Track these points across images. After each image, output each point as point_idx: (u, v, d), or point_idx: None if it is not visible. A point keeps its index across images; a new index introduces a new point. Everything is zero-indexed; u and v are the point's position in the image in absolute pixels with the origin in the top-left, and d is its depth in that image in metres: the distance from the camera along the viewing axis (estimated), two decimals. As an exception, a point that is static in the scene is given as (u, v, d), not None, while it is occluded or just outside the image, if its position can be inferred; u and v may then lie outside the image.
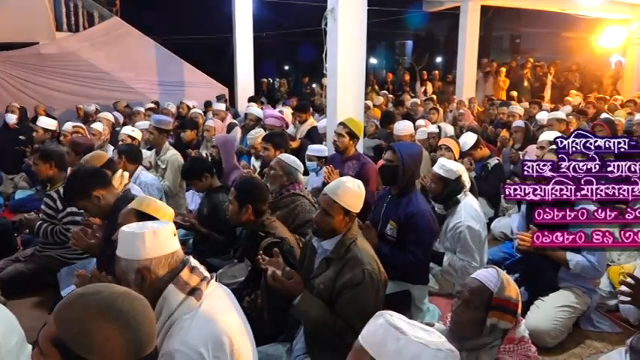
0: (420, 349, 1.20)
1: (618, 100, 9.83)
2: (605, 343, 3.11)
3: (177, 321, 1.61)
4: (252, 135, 5.39)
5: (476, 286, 1.93)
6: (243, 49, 10.12)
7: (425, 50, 19.00)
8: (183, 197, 5.07)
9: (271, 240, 2.72)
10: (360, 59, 5.16)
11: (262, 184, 3.03)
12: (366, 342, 1.25)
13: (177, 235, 1.80)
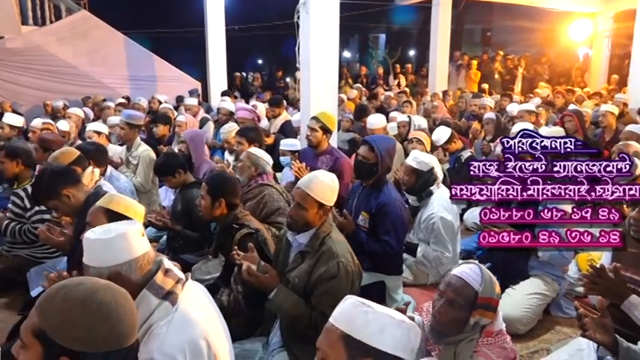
0: (386, 321, 1.32)
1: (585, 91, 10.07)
2: (574, 329, 3.18)
3: (152, 327, 1.57)
4: (226, 129, 5.35)
5: (460, 286, 1.89)
6: (216, 43, 10.01)
7: (398, 43, 19.10)
8: (156, 193, 5.00)
9: (246, 231, 2.71)
10: (333, 52, 5.17)
11: (234, 178, 3.02)
12: (336, 320, 1.34)
13: (148, 234, 1.76)
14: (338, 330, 1.31)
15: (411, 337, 1.33)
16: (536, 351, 3.00)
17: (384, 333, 1.29)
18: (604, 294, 1.98)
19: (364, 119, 6.45)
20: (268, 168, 3.69)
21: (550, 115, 7.36)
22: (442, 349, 1.99)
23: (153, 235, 4.30)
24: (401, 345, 1.30)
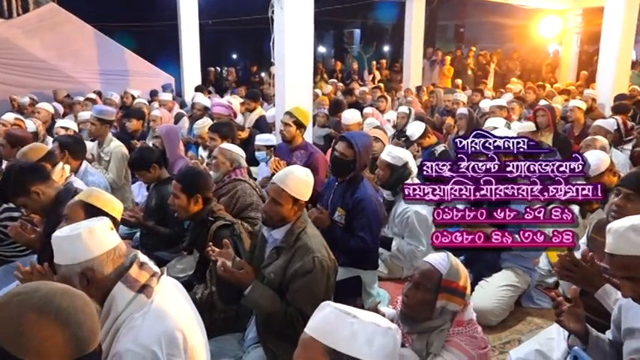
0: (373, 329, 1.24)
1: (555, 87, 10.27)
2: (544, 319, 3.27)
3: (127, 320, 1.57)
4: (199, 125, 5.30)
5: (426, 269, 1.98)
6: (189, 37, 9.88)
7: (373, 39, 19.15)
8: (129, 190, 4.94)
9: (222, 223, 2.71)
10: (308, 47, 5.16)
11: (205, 172, 3.01)
12: (316, 332, 1.24)
13: (119, 229, 1.75)
14: (320, 343, 1.21)
15: (397, 342, 1.27)
16: (508, 341, 3.07)
17: (373, 344, 1.22)
18: (579, 283, 2.04)
19: (339, 114, 6.46)
20: (243, 162, 3.69)
21: (522, 110, 7.49)
22: (414, 340, 2.02)
23: (126, 233, 4.25)
24: (389, 353, 1.24)
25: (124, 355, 1.50)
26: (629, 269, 1.64)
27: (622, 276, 1.68)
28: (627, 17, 7.87)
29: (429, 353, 1.98)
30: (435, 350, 1.96)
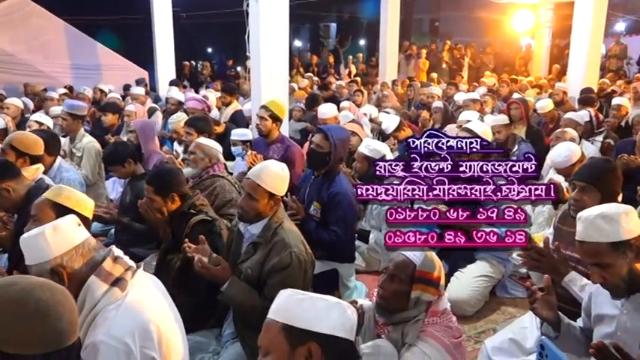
0: (322, 304, 1.34)
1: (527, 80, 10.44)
2: (518, 309, 3.34)
3: (101, 312, 1.57)
4: (174, 119, 5.24)
5: (400, 261, 2.02)
6: (163, 30, 9.74)
7: (349, 33, 19.16)
8: (102, 186, 4.86)
9: (202, 217, 2.68)
10: (284, 41, 5.14)
11: (174, 168, 2.96)
12: (274, 314, 1.35)
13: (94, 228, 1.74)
14: (277, 322, 1.32)
15: (349, 315, 1.35)
16: (483, 331, 3.12)
17: (322, 315, 1.31)
18: (546, 271, 2.08)
19: (315, 108, 6.46)
20: (221, 157, 3.66)
21: (496, 103, 7.60)
22: (390, 331, 2.05)
23: (100, 229, 4.19)
24: (340, 325, 1.32)
25: (97, 346, 1.51)
26: (598, 256, 1.69)
27: (591, 263, 1.72)
28: (597, 11, 8.02)
29: (404, 343, 2.00)
30: (411, 340, 1.99)
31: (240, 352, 2.38)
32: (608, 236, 1.67)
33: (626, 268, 1.67)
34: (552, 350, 1.49)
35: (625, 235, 1.66)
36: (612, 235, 1.66)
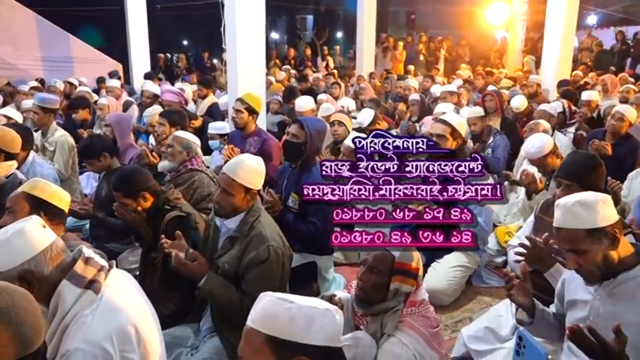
0: (312, 313, 1.24)
1: (503, 73, 10.57)
2: (493, 298, 3.39)
3: (76, 317, 1.52)
4: (150, 112, 5.17)
5: (379, 253, 2.05)
6: (137, 22, 9.59)
7: (325, 25, 19.12)
8: (76, 181, 4.77)
9: (177, 213, 2.64)
10: (260, 33, 5.10)
11: (136, 167, 2.89)
12: (257, 323, 1.24)
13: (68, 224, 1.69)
14: (261, 333, 1.21)
15: (338, 322, 1.26)
16: (460, 320, 3.17)
17: (312, 326, 1.22)
18: (533, 263, 2.12)
19: (293, 101, 6.44)
20: (199, 151, 3.61)
21: (471, 95, 7.68)
22: (369, 322, 2.07)
23: (74, 225, 4.12)
24: (330, 334, 1.24)
25: (73, 354, 1.45)
26: (575, 242, 1.73)
27: (567, 249, 1.76)
28: (569, 5, 8.16)
29: (383, 334, 2.02)
30: (389, 331, 2.01)
31: (219, 346, 2.37)
32: (585, 223, 1.70)
33: (600, 255, 1.71)
34: (529, 341, 1.53)
35: (601, 222, 1.70)
36: (589, 222, 1.70)
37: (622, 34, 12.59)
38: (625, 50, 12.42)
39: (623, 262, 1.73)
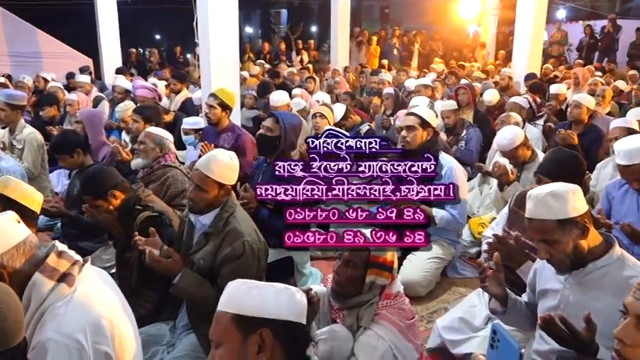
0: (271, 290, 1.34)
1: (475, 66, 10.71)
2: (467, 288, 3.44)
3: (49, 309, 1.51)
4: (122, 108, 5.08)
5: None
6: (107, 16, 9.40)
7: (300, 19, 19.04)
8: (46, 179, 4.66)
9: (149, 214, 2.60)
10: (233, 27, 5.06)
11: (100, 167, 2.83)
12: (223, 305, 1.33)
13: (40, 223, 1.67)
14: (227, 314, 1.31)
15: (298, 299, 1.35)
16: (435, 311, 3.21)
17: (271, 301, 1.31)
18: (504, 259, 2.15)
19: (267, 96, 6.41)
20: (172, 146, 3.56)
21: (445, 89, 7.76)
22: (345, 315, 2.08)
23: (46, 224, 4.03)
24: (290, 309, 1.32)
25: (46, 344, 1.45)
26: (546, 232, 1.76)
27: (539, 239, 1.80)
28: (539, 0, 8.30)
29: (359, 327, 2.04)
30: (365, 324, 2.03)
31: (195, 342, 2.36)
32: (556, 214, 1.73)
33: (571, 245, 1.75)
34: (503, 335, 1.55)
35: (572, 212, 1.73)
36: (560, 213, 1.73)
37: (590, 28, 12.86)
38: (593, 44, 12.69)
39: (592, 251, 1.78)
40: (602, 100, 5.55)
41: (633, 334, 1.22)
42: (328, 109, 4.87)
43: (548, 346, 1.82)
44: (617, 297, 1.60)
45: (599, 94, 5.66)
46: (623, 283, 1.69)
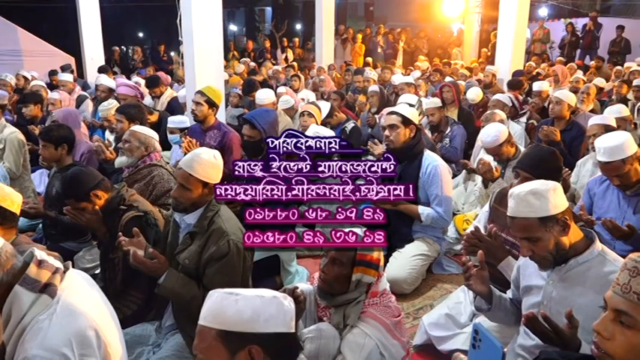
0: (258, 302, 1.27)
1: (459, 64, 10.78)
2: (453, 284, 3.47)
3: (31, 323, 1.45)
4: (105, 107, 5.02)
5: None
6: (89, 14, 9.28)
7: (284, 17, 19.00)
8: (28, 179, 4.60)
9: (133, 214, 2.58)
10: (217, 25, 5.03)
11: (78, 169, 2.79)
12: (207, 320, 1.27)
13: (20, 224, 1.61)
14: (212, 329, 1.24)
15: (286, 308, 1.30)
16: (421, 307, 3.23)
17: (260, 315, 1.25)
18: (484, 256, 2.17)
19: (253, 94, 6.39)
20: (157, 145, 3.53)
21: (429, 86, 7.81)
22: (332, 314, 2.08)
23: (27, 225, 3.98)
24: (279, 320, 1.27)
25: None
26: (528, 230, 1.79)
27: (521, 237, 1.82)
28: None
29: (346, 325, 2.05)
30: (352, 322, 2.03)
31: (181, 342, 2.34)
32: (538, 211, 1.76)
33: (553, 242, 1.77)
34: (485, 335, 1.56)
35: (553, 210, 1.76)
36: (541, 211, 1.76)
37: (572, 26, 13.02)
38: (575, 41, 12.85)
39: (573, 247, 1.80)
40: (586, 97, 5.62)
41: (611, 328, 1.24)
42: (316, 108, 4.86)
43: (533, 341, 1.85)
44: (598, 292, 1.63)
45: (584, 91, 5.73)
46: (604, 278, 1.72)
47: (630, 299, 1.20)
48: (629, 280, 1.22)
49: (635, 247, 2.53)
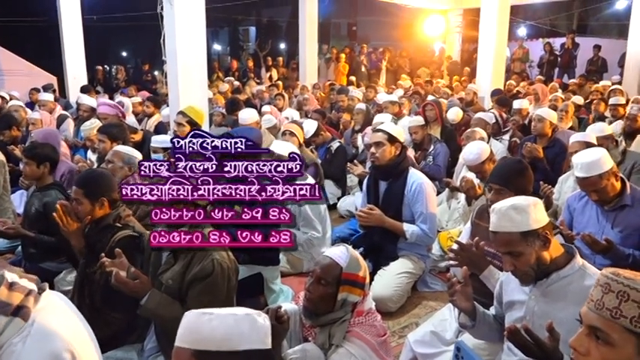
0: (232, 319, 1.26)
1: (441, 82, 10.94)
2: (438, 302, 3.47)
3: (4, 347, 1.41)
4: (87, 127, 4.99)
5: (327, 263, 2.02)
6: (72, 33, 9.25)
7: (268, 36, 19.16)
8: (8, 200, 4.52)
9: (129, 233, 2.56)
10: (201, 45, 5.06)
11: (108, 172, 2.81)
12: (182, 340, 1.26)
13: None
14: (188, 350, 1.23)
15: (260, 325, 1.29)
16: (407, 325, 3.22)
17: (234, 333, 1.24)
18: (466, 266, 2.19)
19: (236, 113, 6.40)
20: None
21: (412, 105, 7.90)
22: (317, 333, 2.07)
23: (6, 246, 3.91)
24: (252, 337, 1.26)
25: None
26: (510, 245, 1.81)
27: (504, 252, 1.84)
28: (500, 17, 8.56)
29: (331, 345, 2.03)
30: (337, 341, 2.01)
31: (164, 365, 2.31)
32: (519, 226, 1.79)
33: (534, 256, 1.80)
34: (467, 352, 1.56)
35: (533, 224, 1.79)
36: (522, 225, 1.78)
37: (550, 46, 13.32)
38: (553, 60, 13.14)
39: (554, 262, 1.83)
40: (565, 115, 5.73)
41: (587, 343, 1.25)
42: (298, 127, 4.88)
43: (516, 357, 1.85)
44: (578, 306, 1.63)
45: (563, 109, 5.85)
46: (585, 292, 1.72)
47: (604, 315, 1.21)
48: (602, 296, 1.23)
49: (614, 261, 2.58)
